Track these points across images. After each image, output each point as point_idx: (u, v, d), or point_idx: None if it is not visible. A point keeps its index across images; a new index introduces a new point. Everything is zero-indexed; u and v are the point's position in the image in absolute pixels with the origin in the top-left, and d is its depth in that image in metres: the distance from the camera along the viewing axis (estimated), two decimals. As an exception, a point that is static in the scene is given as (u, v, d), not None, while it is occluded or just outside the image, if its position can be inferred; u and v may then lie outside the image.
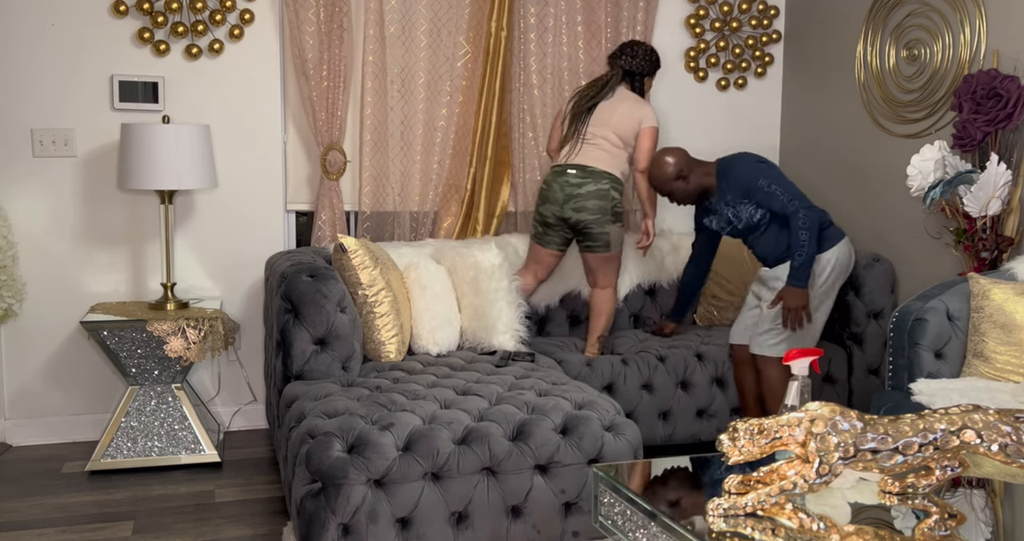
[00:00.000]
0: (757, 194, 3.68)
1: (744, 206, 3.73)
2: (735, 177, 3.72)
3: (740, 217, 3.76)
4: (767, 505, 1.78)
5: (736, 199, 3.73)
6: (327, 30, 4.16)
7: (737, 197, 3.72)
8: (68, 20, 4.01)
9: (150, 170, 3.74)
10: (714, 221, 3.86)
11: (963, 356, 3.17)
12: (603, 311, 4.00)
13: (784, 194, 3.65)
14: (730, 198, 3.74)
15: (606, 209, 3.89)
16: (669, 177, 3.77)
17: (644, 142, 3.95)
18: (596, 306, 4.01)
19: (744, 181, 3.69)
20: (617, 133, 3.95)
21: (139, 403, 3.80)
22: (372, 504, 2.71)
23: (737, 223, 3.77)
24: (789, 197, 3.64)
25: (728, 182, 3.74)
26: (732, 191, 3.73)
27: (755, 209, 3.71)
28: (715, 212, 3.84)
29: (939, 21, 3.91)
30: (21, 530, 3.23)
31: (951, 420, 1.81)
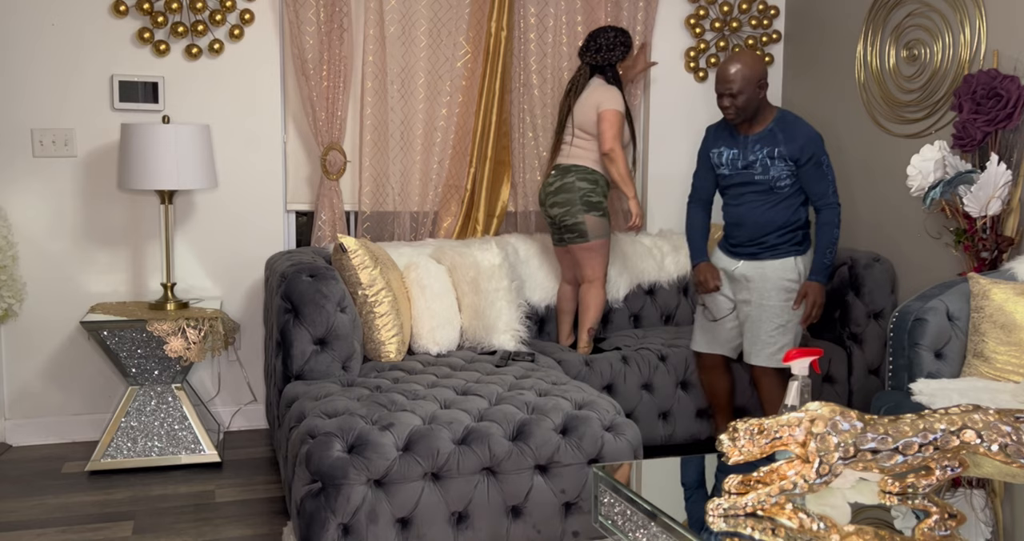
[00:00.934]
0: (810, 166, 3.47)
1: (783, 165, 3.48)
2: (803, 134, 3.47)
3: (769, 170, 3.49)
4: (767, 505, 1.78)
5: (783, 153, 3.47)
6: (327, 30, 4.16)
7: (787, 152, 3.46)
8: (68, 20, 4.01)
9: (150, 170, 3.74)
10: (731, 156, 3.56)
11: (963, 356, 3.17)
12: (590, 305, 4.02)
13: (833, 184, 3.50)
14: (778, 150, 3.47)
15: (573, 200, 3.94)
16: (758, 75, 3.46)
17: (602, 124, 3.91)
18: (584, 300, 4.03)
19: (810, 144, 3.45)
20: (580, 126, 4.01)
21: (139, 403, 3.80)
22: (372, 504, 2.71)
23: (762, 172, 3.50)
24: (834, 189, 3.51)
25: (789, 133, 3.48)
26: (787, 143, 3.46)
27: (790, 175, 3.49)
28: (742, 147, 3.53)
29: (939, 21, 3.91)
30: (21, 530, 3.23)
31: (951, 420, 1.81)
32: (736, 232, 3.62)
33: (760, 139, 3.51)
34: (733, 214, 3.61)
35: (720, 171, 3.62)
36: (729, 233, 3.66)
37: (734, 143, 3.57)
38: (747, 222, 3.56)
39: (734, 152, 3.56)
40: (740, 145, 3.55)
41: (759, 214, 3.55)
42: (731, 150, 3.57)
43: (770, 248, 3.58)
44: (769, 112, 3.53)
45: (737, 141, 3.56)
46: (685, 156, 4.78)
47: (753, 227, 3.55)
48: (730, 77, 3.45)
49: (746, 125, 3.53)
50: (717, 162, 3.61)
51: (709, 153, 3.65)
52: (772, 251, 3.58)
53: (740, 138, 3.55)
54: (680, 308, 4.49)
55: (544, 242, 4.32)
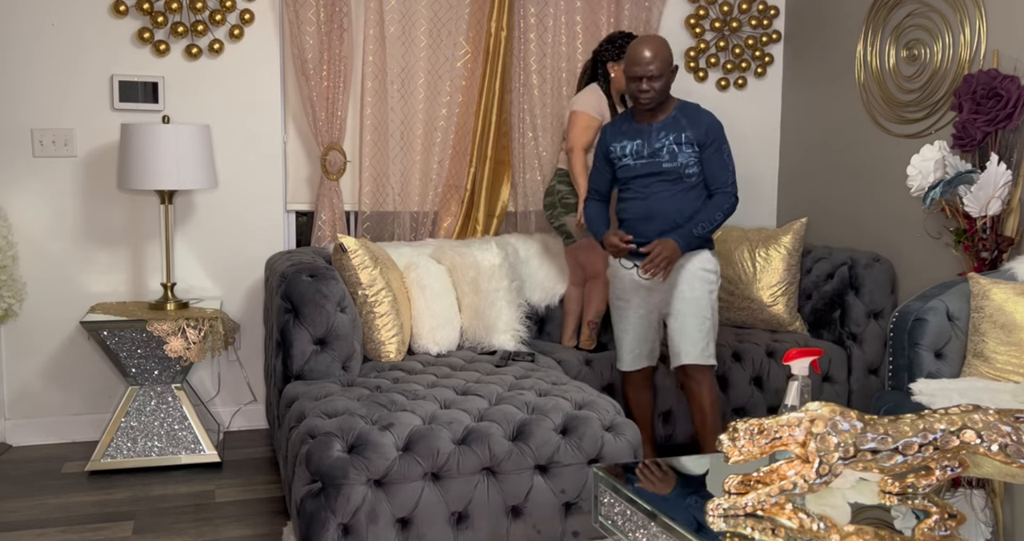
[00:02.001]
0: (712, 150, 3.37)
1: (690, 150, 3.37)
2: (705, 118, 3.40)
3: (677, 157, 3.37)
4: (767, 505, 1.78)
5: (689, 138, 3.36)
6: (327, 30, 4.16)
7: (693, 136, 3.36)
8: (68, 20, 4.01)
9: (150, 170, 3.74)
10: (635, 147, 3.42)
11: (963, 356, 3.17)
12: (592, 298, 4.05)
13: (732, 174, 3.41)
14: (684, 135, 3.37)
15: (554, 202, 4.03)
16: (671, 59, 3.36)
17: (568, 125, 3.95)
18: (587, 294, 4.09)
19: (713, 128, 3.38)
20: (564, 129, 4.07)
21: (139, 403, 3.80)
22: (372, 504, 2.71)
23: (669, 159, 3.37)
24: (734, 180, 3.41)
25: (692, 118, 3.39)
26: (692, 128, 3.37)
27: (697, 162, 3.38)
28: (646, 137, 3.41)
29: (939, 21, 3.91)
30: (21, 530, 3.23)
31: (951, 420, 1.81)
32: (645, 228, 3.42)
33: (665, 126, 3.40)
34: (640, 208, 3.44)
35: (623, 163, 3.46)
36: (637, 231, 3.43)
37: (636, 134, 3.44)
38: (657, 214, 3.40)
39: (637, 142, 3.42)
40: (644, 135, 3.42)
41: (669, 204, 3.40)
42: (634, 141, 3.43)
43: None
44: (671, 100, 3.44)
45: (640, 131, 3.43)
46: (685, 156, 4.79)
47: (664, 219, 3.39)
48: (648, 60, 3.31)
49: (649, 114, 3.41)
50: (619, 155, 3.46)
51: (609, 149, 3.49)
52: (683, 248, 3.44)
53: (643, 128, 3.43)
54: (680, 308, 4.48)
55: (544, 242, 4.32)
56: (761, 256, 4.29)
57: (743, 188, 4.92)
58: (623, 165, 3.46)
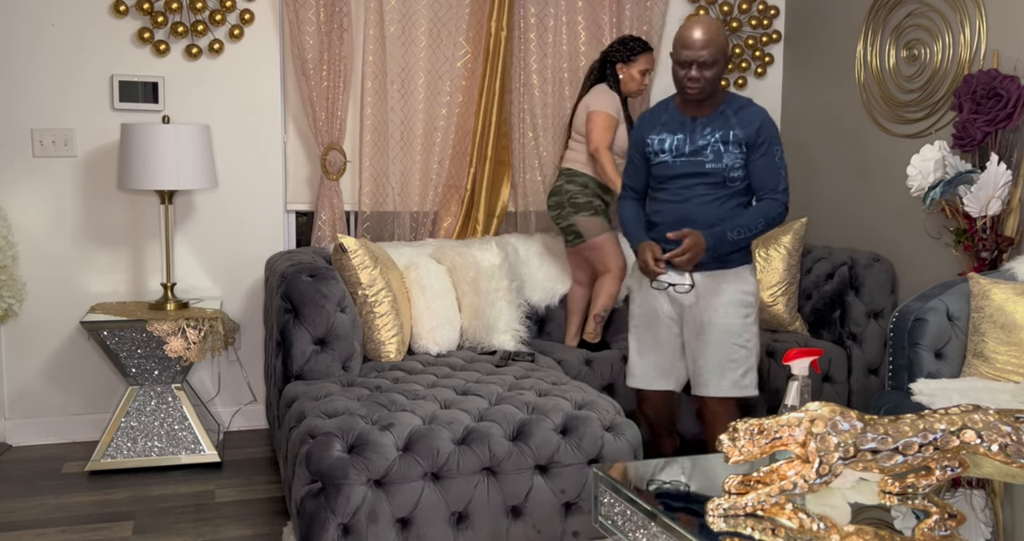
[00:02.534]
0: (763, 152, 3.02)
1: (737, 151, 3.03)
2: (759, 116, 3.04)
3: (722, 157, 3.03)
4: (767, 505, 1.78)
5: (737, 137, 3.02)
6: (327, 30, 4.16)
7: (742, 135, 3.02)
8: (68, 20, 4.01)
9: (150, 170, 3.74)
10: (675, 143, 3.08)
11: (963, 356, 3.17)
12: (600, 291, 4.05)
13: (784, 180, 3.06)
14: (732, 133, 3.03)
15: (562, 202, 4.00)
16: (726, 46, 3.04)
17: (588, 125, 3.95)
18: (596, 288, 4.08)
19: (767, 127, 3.02)
20: (575, 128, 4.06)
21: (139, 403, 3.80)
22: (372, 504, 2.71)
23: (714, 160, 3.03)
24: (785, 187, 3.06)
25: (743, 115, 3.04)
26: (742, 126, 3.02)
27: (743, 166, 3.04)
28: (689, 132, 3.07)
29: (939, 21, 3.91)
30: (21, 530, 3.23)
31: (951, 420, 1.80)
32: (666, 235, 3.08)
33: (711, 121, 3.05)
34: (675, 212, 3.08)
35: (660, 159, 3.11)
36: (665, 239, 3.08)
37: (679, 127, 3.08)
38: (694, 220, 3.05)
39: (679, 138, 3.07)
40: (687, 129, 3.07)
41: (710, 211, 3.06)
42: (675, 136, 3.08)
43: (721, 258, 3.10)
44: (721, 92, 3.10)
45: (683, 125, 3.08)
46: (685, 156, 4.79)
47: (701, 227, 3.03)
48: (701, 43, 2.95)
49: (695, 106, 3.06)
50: (657, 150, 3.11)
51: (646, 141, 3.15)
52: (724, 261, 3.11)
53: (687, 121, 3.08)
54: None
55: (544, 242, 4.32)
56: (761, 256, 4.29)
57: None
58: (660, 162, 3.11)
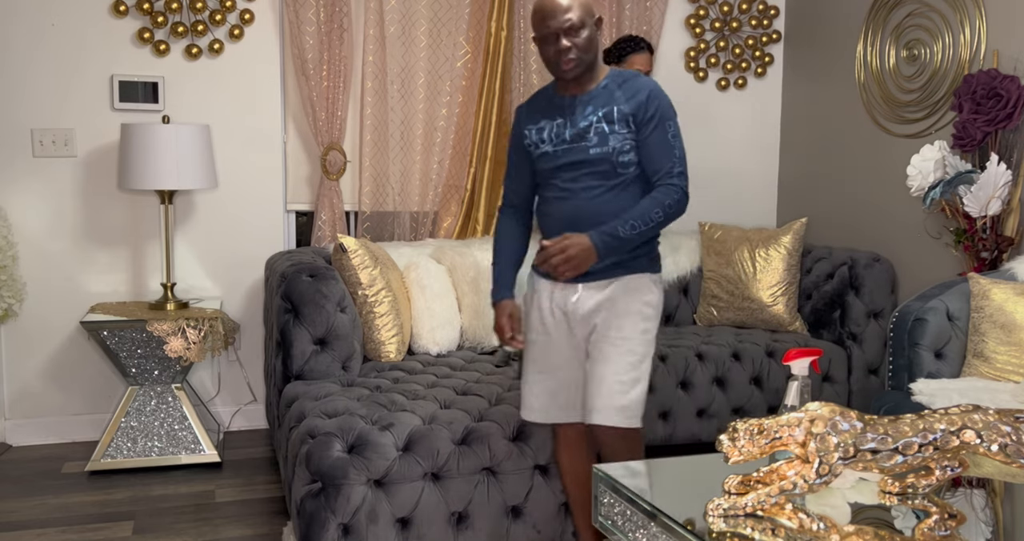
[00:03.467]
0: (654, 127, 2.54)
1: (625, 131, 2.55)
2: (646, 89, 2.56)
3: (607, 139, 2.55)
4: (767, 505, 1.78)
5: (623, 112, 2.54)
6: (327, 30, 4.16)
7: (628, 109, 2.54)
8: (68, 20, 4.01)
9: (150, 170, 3.74)
10: (554, 128, 2.61)
11: (963, 356, 3.17)
12: None
13: (681, 162, 2.57)
14: (616, 109, 2.55)
15: None
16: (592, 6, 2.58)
17: None
18: None
19: (656, 98, 2.55)
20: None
21: (139, 403, 3.80)
22: (372, 504, 2.71)
23: (598, 142, 2.55)
24: (681, 169, 2.57)
25: (629, 87, 2.57)
26: (628, 100, 2.55)
27: (632, 147, 2.55)
28: (568, 113, 2.59)
29: (939, 21, 3.91)
30: (21, 530, 3.23)
31: (951, 420, 1.80)
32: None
33: (592, 99, 2.58)
34: (563, 211, 2.61)
35: (541, 150, 2.63)
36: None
37: (556, 111, 2.62)
38: (585, 217, 2.56)
39: (558, 122, 2.61)
40: (566, 112, 2.60)
41: (601, 206, 2.57)
42: (553, 121, 2.62)
43: (618, 264, 2.61)
44: (601, 67, 2.63)
45: (560, 107, 2.61)
46: (685, 156, 4.78)
47: (593, 225, 2.54)
48: (563, 8, 2.51)
49: (574, 84, 2.60)
50: (536, 141, 2.64)
51: (523, 133, 2.68)
52: (621, 266, 2.61)
53: (566, 102, 2.61)
54: (680, 308, 4.48)
55: (544, 242, 4.32)
56: (761, 256, 4.29)
57: (743, 188, 4.92)
58: (542, 153, 2.64)
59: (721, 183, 4.86)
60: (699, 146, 4.81)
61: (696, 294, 4.49)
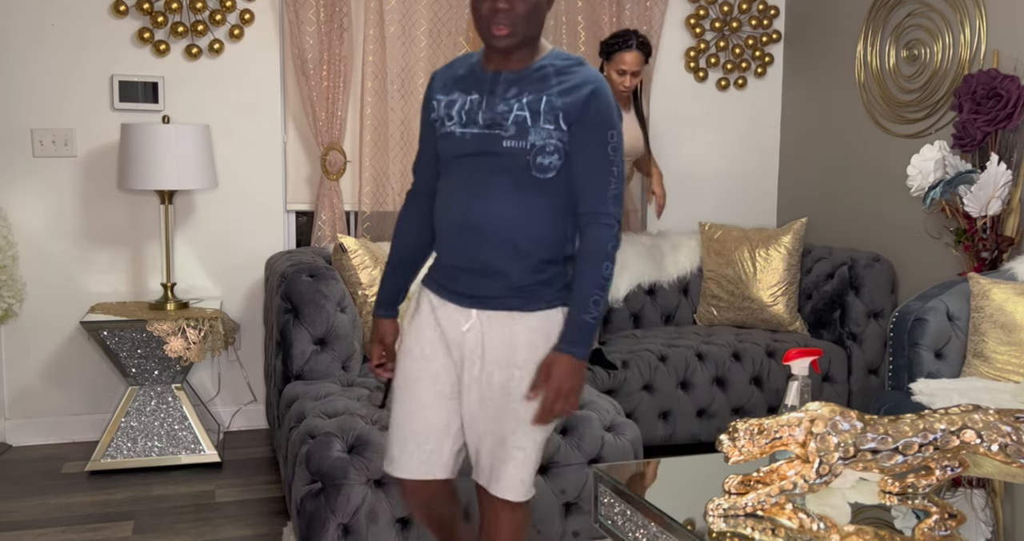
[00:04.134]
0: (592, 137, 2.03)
1: (551, 127, 2.03)
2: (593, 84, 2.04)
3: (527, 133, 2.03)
4: (767, 505, 1.78)
5: (554, 105, 2.02)
6: (327, 30, 4.16)
7: (561, 104, 2.02)
8: (68, 20, 4.01)
9: (150, 170, 3.74)
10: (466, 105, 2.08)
11: (963, 356, 3.17)
12: None
13: (618, 184, 2.06)
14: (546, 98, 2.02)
15: None
16: None
17: None
18: None
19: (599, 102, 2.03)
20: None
21: (139, 403, 3.80)
22: (372, 504, 2.71)
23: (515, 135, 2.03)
24: (617, 193, 2.06)
25: (571, 76, 2.05)
26: (564, 93, 2.03)
27: (560, 150, 2.04)
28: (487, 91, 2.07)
29: (939, 21, 3.91)
30: (21, 530, 3.23)
31: (951, 420, 1.80)
32: (463, 246, 2.10)
33: (520, 79, 2.05)
34: (458, 211, 2.09)
35: (446, 130, 2.11)
36: (451, 250, 2.13)
37: (475, 84, 2.09)
38: (485, 225, 2.06)
39: (473, 98, 2.08)
40: (485, 88, 2.08)
41: (505, 211, 2.06)
42: (468, 96, 2.09)
43: (523, 290, 2.08)
44: (544, 47, 2.10)
45: (481, 82, 2.09)
46: (686, 157, 4.78)
47: (493, 236, 2.06)
48: None
49: (501, 57, 2.06)
50: (443, 115, 2.12)
51: (431, 104, 2.17)
52: (526, 296, 2.09)
53: (487, 77, 2.08)
54: (680, 308, 4.48)
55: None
56: (761, 256, 4.29)
57: (743, 188, 4.92)
58: (445, 133, 2.12)
59: (721, 183, 4.86)
60: (699, 146, 4.81)
61: (696, 294, 4.49)
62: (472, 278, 2.11)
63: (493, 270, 2.08)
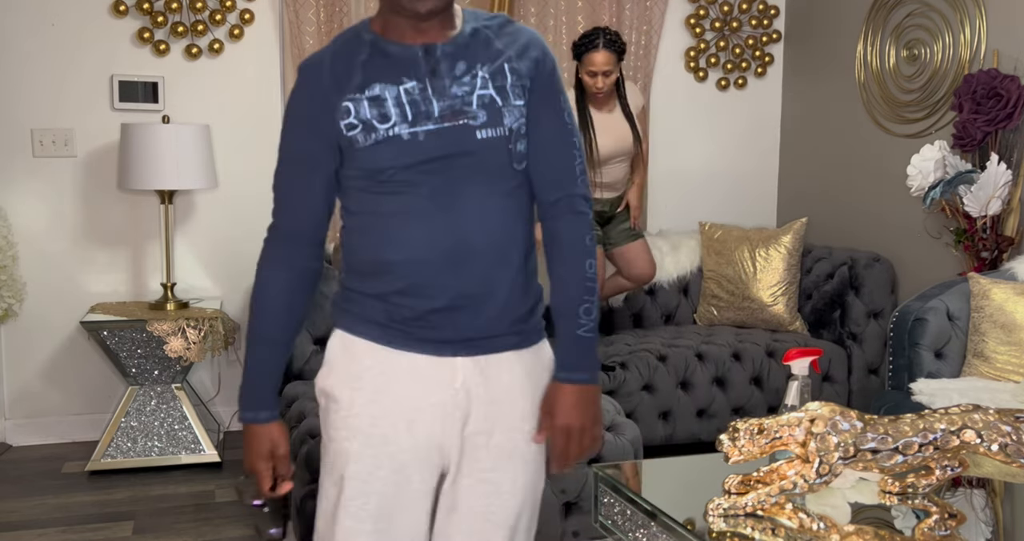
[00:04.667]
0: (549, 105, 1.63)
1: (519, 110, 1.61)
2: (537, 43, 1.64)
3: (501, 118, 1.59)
4: (767, 505, 1.78)
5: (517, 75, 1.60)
6: (327, 30, 4.16)
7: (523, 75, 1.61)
8: (68, 20, 4.01)
9: (150, 170, 3.74)
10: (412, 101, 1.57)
11: (963, 356, 3.17)
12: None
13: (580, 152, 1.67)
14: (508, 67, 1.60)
15: None
16: None
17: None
18: None
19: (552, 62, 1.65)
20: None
21: (139, 403, 3.80)
22: (372, 504, 2.71)
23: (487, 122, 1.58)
24: (582, 166, 1.67)
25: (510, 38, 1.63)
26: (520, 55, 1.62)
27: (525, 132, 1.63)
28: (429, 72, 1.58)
29: (939, 21, 3.91)
30: (21, 530, 3.23)
31: (951, 420, 1.80)
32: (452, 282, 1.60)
33: (461, 50, 1.60)
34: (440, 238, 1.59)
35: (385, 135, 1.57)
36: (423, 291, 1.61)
37: (404, 68, 1.58)
38: (480, 249, 1.60)
39: (408, 87, 1.57)
40: (422, 69, 1.58)
41: (496, 224, 1.62)
42: (399, 85, 1.57)
43: (521, 321, 1.67)
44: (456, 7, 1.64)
45: (412, 61, 1.58)
46: (686, 156, 4.78)
47: (490, 261, 1.61)
48: None
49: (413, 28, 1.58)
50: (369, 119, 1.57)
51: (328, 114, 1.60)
52: (524, 327, 1.68)
53: (417, 53, 1.58)
54: (680, 308, 4.48)
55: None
56: (761, 256, 4.29)
57: (743, 188, 4.92)
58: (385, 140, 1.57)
59: (721, 183, 4.86)
60: (699, 146, 4.81)
61: (696, 294, 4.49)
62: (459, 317, 1.60)
63: (492, 301, 1.61)
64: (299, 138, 1.68)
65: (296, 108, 1.66)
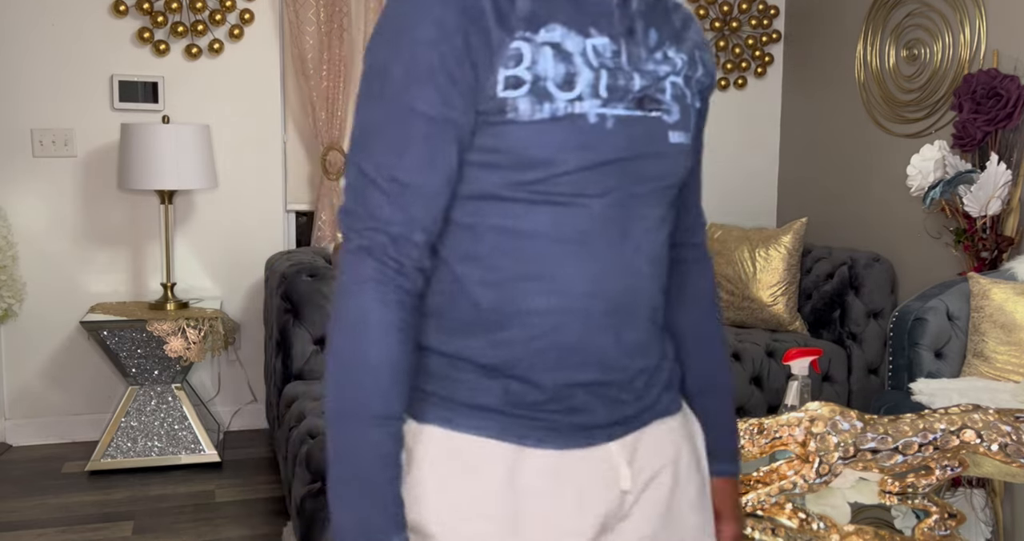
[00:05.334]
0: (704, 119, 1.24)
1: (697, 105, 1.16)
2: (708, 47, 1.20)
3: (689, 117, 1.12)
4: (767, 505, 1.78)
5: (708, 71, 1.18)
6: (327, 30, 4.16)
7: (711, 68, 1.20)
8: (68, 20, 4.01)
9: (150, 170, 3.74)
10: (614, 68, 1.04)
11: (963, 356, 3.17)
12: None
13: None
14: (701, 57, 1.16)
15: None
16: None
17: None
18: None
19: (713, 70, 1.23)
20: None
21: (139, 403, 3.80)
22: (372, 504, 2.71)
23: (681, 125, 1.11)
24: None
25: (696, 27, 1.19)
26: (703, 46, 1.19)
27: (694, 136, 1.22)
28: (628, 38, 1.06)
29: (939, 21, 3.91)
30: (21, 530, 3.23)
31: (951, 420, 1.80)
32: (612, 341, 1.09)
33: (655, 13, 1.11)
34: (611, 279, 1.07)
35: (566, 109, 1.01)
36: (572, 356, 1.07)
37: (595, 13, 1.05)
38: (641, 299, 1.11)
39: (604, 45, 1.04)
40: (616, 26, 1.06)
41: (657, 268, 1.14)
42: (599, 37, 1.04)
43: (670, 378, 1.21)
44: None
45: (603, 7, 1.05)
46: (685, 156, 4.79)
47: (646, 313, 1.12)
48: None
49: None
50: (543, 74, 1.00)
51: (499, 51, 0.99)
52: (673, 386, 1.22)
53: (616, 12, 1.06)
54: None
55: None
56: (761, 256, 4.29)
57: (743, 188, 4.92)
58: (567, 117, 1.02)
59: (721, 183, 4.86)
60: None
61: (696, 294, 4.48)
62: (613, 391, 1.11)
63: (649, 362, 1.15)
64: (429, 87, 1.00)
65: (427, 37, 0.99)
